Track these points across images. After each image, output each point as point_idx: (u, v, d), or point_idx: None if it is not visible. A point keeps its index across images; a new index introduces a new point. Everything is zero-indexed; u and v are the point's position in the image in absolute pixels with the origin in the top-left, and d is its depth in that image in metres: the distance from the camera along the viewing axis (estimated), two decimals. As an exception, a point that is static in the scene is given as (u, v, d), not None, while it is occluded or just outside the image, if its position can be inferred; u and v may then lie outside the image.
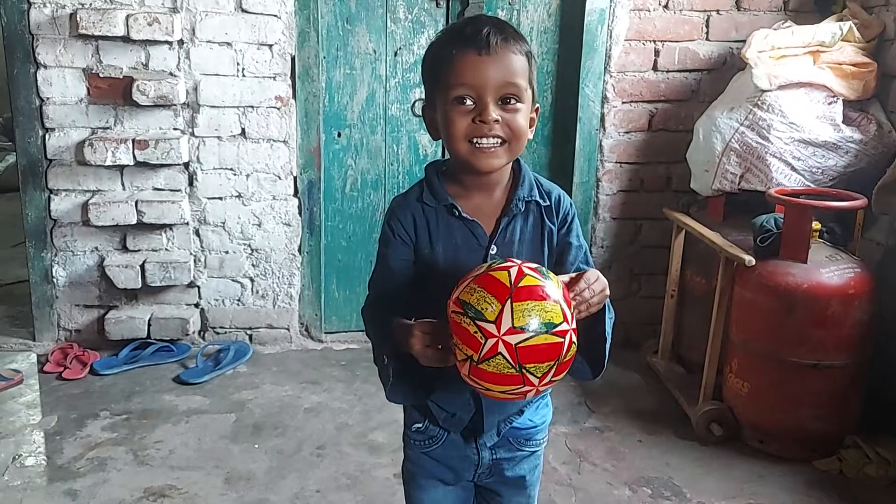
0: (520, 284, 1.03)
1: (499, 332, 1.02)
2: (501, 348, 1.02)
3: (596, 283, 1.12)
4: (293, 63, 2.96)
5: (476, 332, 1.03)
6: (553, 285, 1.07)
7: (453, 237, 1.25)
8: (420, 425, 1.34)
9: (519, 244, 1.26)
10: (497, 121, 1.16)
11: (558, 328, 1.04)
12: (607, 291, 1.14)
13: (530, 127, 1.23)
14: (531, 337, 1.02)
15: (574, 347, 1.07)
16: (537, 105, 1.26)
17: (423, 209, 1.26)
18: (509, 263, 1.07)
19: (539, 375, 1.05)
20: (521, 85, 1.17)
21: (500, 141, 1.18)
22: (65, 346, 3.00)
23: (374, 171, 3.18)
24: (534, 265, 1.08)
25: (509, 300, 1.02)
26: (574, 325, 1.06)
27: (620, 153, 3.17)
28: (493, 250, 1.25)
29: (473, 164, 1.19)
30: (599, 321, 1.17)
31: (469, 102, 1.16)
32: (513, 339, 1.02)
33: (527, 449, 1.37)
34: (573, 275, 1.14)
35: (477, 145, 1.17)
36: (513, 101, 1.17)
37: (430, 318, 1.15)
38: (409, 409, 1.38)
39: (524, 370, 1.04)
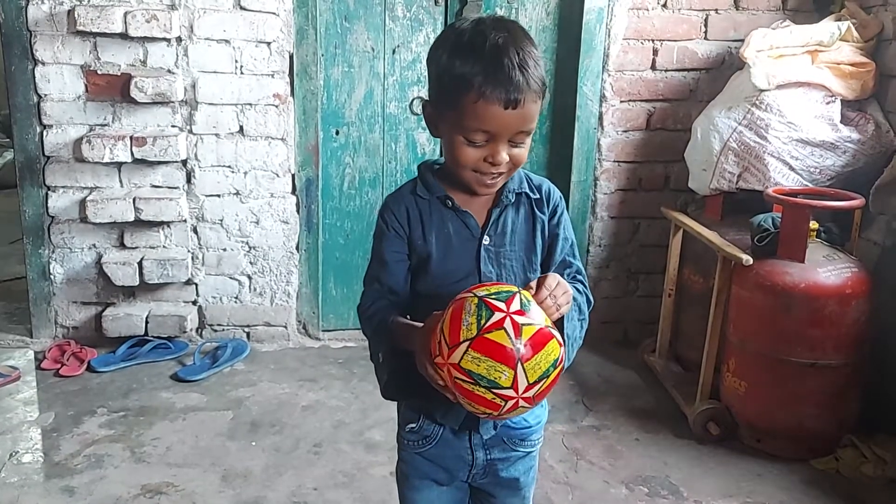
0: (524, 341, 1.02)
1: (517, 393, 1.03)
2: (522, 403, 1.05)
3: (557, 288, 1.12)
4: (291, 61, 2.96)
5: (494, 399, 1.04)
6: (537, 311, 1.07)
7: (446, 228, 1.26)
8: (414, 425, 1.34)
9: (511, 234, 1.28)
10: (507, 161, 1.18)
11: (559, 359, 1.07)
12: (570, 292, 1.15)
13: None
14: (544, 382, 1.05)
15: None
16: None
17: (416, 201, 1.27)
18: (498, 315, 1.03)
19: (545, 396, 1.10)
20: (533, 126, 1.18)
21: (503, 173, 1.21)
22: (62, 343, 3.00)
23: (372, 168, 3.18)
24: (515, 299, 1.05)
25: (519, 363, 1.02)
26: (558, 336, 1.08)
27: (618, 152, 3.17)
28: (487, 241, 1.26)
29: (475, 189, 1.22)
30: (562, 323, 1.17)
31: (482, 141, 1.16)
32: (531, 393, 1.04)
33: (521, 449, 1.37)
34: (533, 285, 1.13)
35: (481, 174, 1.19)
36: (522, 139, 1.18)
37: (424, 309, 1.15)
38: (403, 409, 1.38)
39: (537, 402, 1.08)
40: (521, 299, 1.06)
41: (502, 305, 1.04)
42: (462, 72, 1.13)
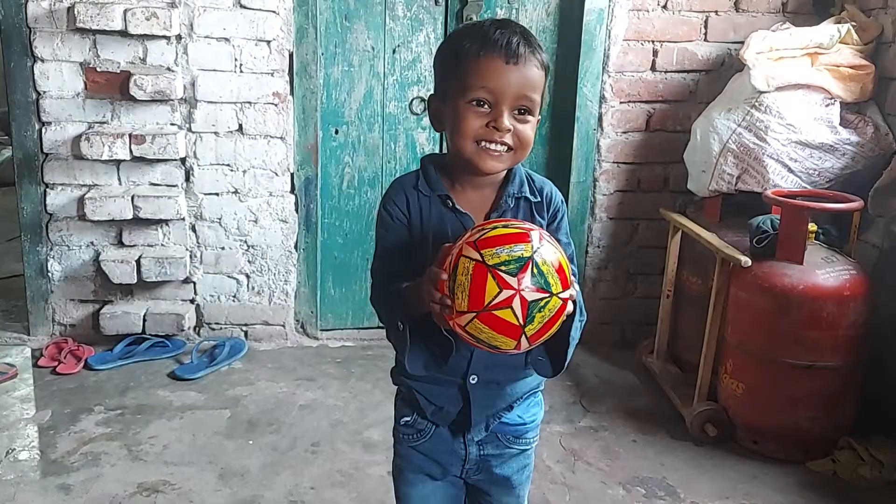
0: (534, 321, 1.05)
1: (519, 350, 1.08)
2: (524, 349, 1.08)
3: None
4: (291, 59, 2.96)
5: (497, 350, 1.07)
6: (552, 279, 1.06)
7: (444, 228, 1.25)
8: (408, 419, 1.35)
9: None
10: (510, 129, 1.18)
11: (559, 309, 1.07)
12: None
13: None
14: (543, 329, 1.06)
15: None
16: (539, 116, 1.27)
17: (417, 196, 1.27)
18: (507, 293, 1.03)
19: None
20: (536, 99, 1.20)
21: (507, 148, 1.20)
22: (59, 341, 2.99)
23: (372, 168, 3.18)
24: (527, 273, 1.04)
25: (524, 335, 1.05)
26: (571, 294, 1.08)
27: (618, 153, 3.17)
28: None
29: (477, 164, 1.20)
30: (565, 322, 1.15)
31: (485, 106, 1.18)
32: (528, 343, 1.07)
33: (516, 447, 1.37)
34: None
35: (484, 147, 1.19)
36: (526, 113, 1.19)
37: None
38: (399, 403, 1.38)
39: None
40: (531, 271, 1.04)
41: (513, 282, 1.02)
42: (464, 43, 1.20)
